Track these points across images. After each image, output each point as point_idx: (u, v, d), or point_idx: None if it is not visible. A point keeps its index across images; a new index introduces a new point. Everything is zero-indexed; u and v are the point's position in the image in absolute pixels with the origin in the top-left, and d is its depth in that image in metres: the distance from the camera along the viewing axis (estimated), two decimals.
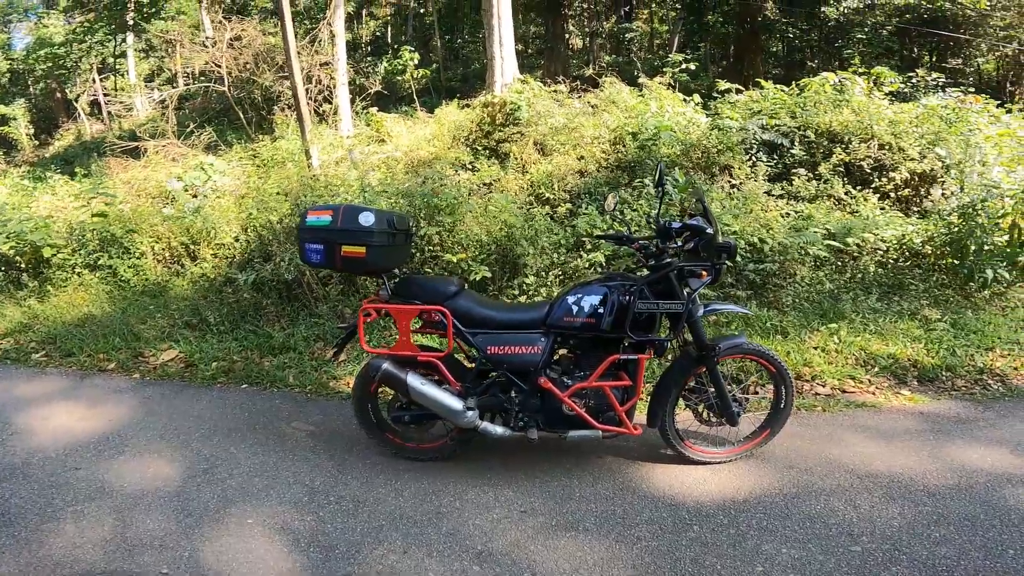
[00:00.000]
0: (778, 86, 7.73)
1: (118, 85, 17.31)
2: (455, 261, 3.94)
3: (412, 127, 8.96)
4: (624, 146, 6.60)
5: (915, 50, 12.94)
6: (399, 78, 12.44)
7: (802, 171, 5.99)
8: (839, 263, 4.82)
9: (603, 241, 3.84)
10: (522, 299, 4.03)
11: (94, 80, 16.94)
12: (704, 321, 2.64)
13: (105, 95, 15.46)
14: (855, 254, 4.84)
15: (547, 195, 5.88)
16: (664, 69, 9.58)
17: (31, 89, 19.32)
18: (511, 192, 6.34)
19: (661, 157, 6.13)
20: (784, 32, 14.02)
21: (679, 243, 2.41)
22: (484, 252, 4.13)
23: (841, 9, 12.55)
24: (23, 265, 5.39)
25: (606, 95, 8.41)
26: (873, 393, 3.40)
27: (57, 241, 5.43)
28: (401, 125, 9.14)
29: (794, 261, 4.56)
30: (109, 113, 15.75)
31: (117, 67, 18.25)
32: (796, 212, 5.37)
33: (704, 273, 2.36)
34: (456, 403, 2.45)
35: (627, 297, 2.35)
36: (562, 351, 2.58)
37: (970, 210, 4.78)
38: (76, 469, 2.77)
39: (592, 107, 8.25)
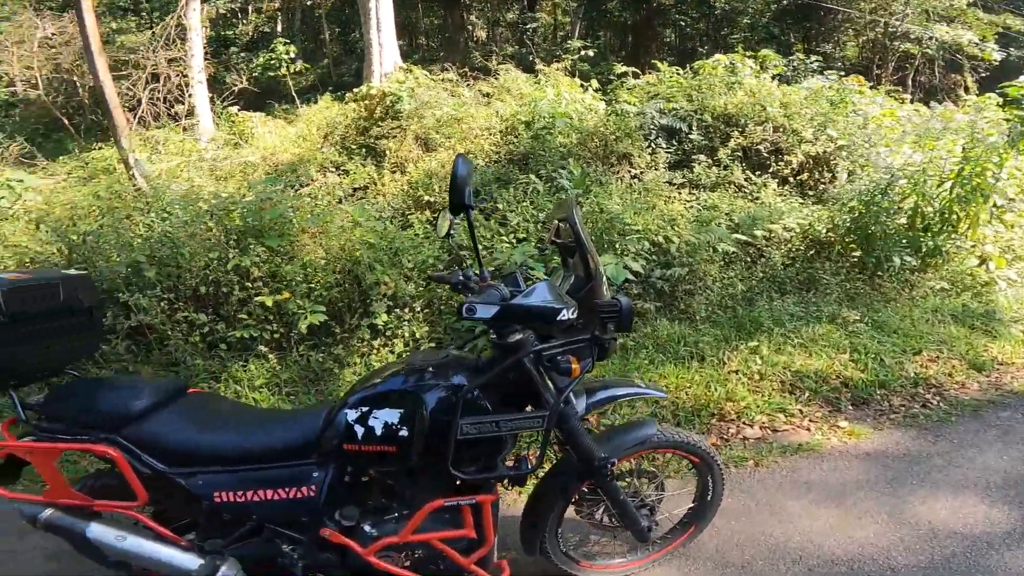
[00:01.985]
0: (674, 68, 7.14)
1: None
2: (270, 305, 2.77)
3: (282, 128, 7.51)
4: (516, 136, 5.68)
5: (791, 36, 13.01)
6: (274, 74, 10.71)
7: (702, 157, 5.35)
8: (747, 258, 4.15)
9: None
10: (376, 343, 2.94)
11: None
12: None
13: None
14: (762, 247, 4.20)
15: (427, 197, 4.81)
16: (563, 56, 8.73)
17: None
18: (389, 195, 5.22)
19: (556, 148, 5.25)
20: (676, 21, 13.70)
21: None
22: (324, 285, 2.98)
23: None
24: None
25: (500, 83, 7.45)
26: (808, 428, 2.68)
27: None
28: (270, 126, 7.65)
29: (704, 261, 3.83)
30: None
31: None
32: (699, 202, 4.68)
33: (575, 366, 1.34)
34: (187, 562, 1.41)
35: (446, 411, 1.33)
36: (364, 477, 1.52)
37: (874, 195, 4.27)
38: None
39: (485, 96, 7.25)
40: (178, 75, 8.10)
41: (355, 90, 7.04)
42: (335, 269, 3.10)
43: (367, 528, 1.43)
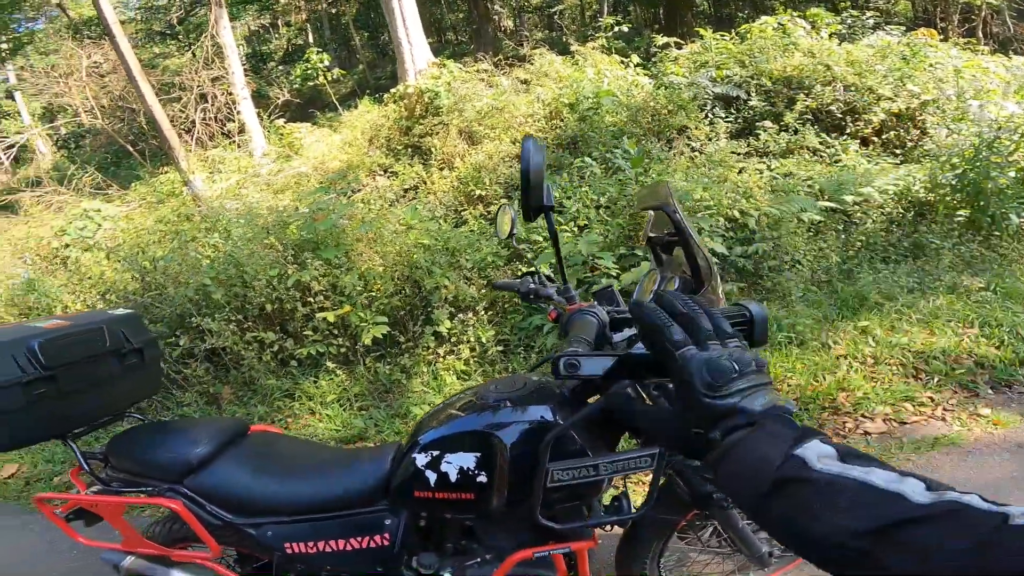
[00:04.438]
0: (719, 33, 6.59)
1: (11, 129, 14.97)
2: (332, 321, 2.63)
3: (328, 136, 7.50)
4: (562, 120, 5.39)
5: None
6: (313, 84, 10.79)
7: (767, 123, 4.87)
8: (837, 228, 3.71)
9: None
10: (442, 351, 2.76)
11: None
12: None
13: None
14: (855, 214, 3.74)
15: (478, 192, 4.61)
16: (596, 35, 8.29)
17: None
18: (439, 193, 5.06)
19: (605, 128, 4.91)
20: None
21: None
22: (384, 294, 2.83)
23: None
24: None
25: (536, 67, 7.15)
26: (943, 419, 2.29)
27: None
28: (317, 135, 7.67)
29: (789, 234, 3.43)
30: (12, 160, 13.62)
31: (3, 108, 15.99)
32: (772, 170, 4.23)
33: None
34: None
35: (531, 454, 1.02)
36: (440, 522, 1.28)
37: (980, 149, 3.69)
38: None
39: (523, 83, 6.97)
40: (223, 93, 8.25)
41: (392, 91, 6.92)
42: (393, 276, 2.95)
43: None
